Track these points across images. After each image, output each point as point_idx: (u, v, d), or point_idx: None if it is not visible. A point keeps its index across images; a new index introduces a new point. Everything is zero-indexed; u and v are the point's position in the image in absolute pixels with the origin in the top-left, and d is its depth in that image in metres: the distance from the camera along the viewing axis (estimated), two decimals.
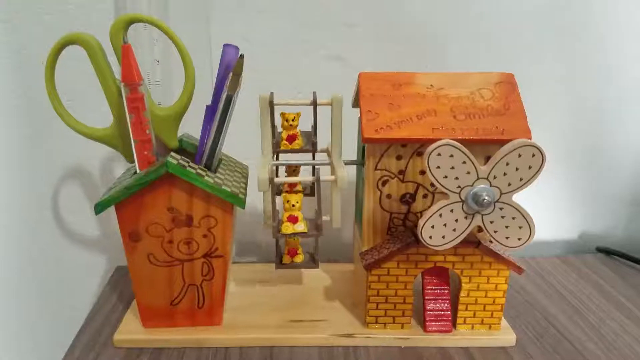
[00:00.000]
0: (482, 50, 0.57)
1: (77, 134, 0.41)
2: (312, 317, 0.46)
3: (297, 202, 0.43)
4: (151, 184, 0.39)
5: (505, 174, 0.37)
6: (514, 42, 0.57)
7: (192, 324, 0.45)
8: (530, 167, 0.37)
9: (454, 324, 0.44)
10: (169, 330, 0.44)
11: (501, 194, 0.38)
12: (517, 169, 0.37)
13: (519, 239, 0.40)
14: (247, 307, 0.48)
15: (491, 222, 0.39)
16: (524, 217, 0.39)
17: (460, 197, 0.38)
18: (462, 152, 0.37)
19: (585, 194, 0.64)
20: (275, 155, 0.46)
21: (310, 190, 0.48)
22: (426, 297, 0.44)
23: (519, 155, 0.37)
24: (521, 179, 0.37)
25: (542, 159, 0.37)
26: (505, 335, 0.44)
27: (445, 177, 0.38)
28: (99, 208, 0.40)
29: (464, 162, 0.37)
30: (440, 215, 0.39)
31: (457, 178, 0.38)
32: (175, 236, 0.42)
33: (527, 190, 0.38)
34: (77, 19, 0.51)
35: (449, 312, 0.44)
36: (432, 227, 0.39)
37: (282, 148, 0.45)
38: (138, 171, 0.41)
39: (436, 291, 0.44)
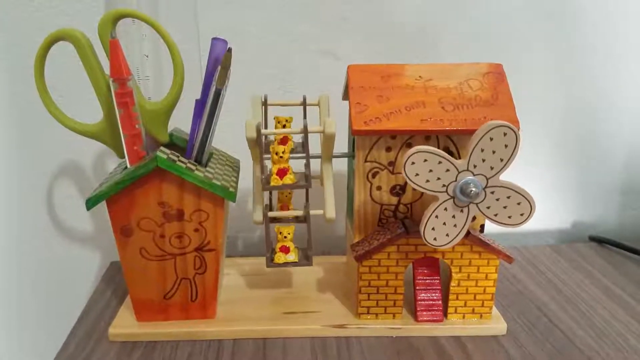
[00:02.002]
0: (475, 42, 0.57)
1: (69, 130, 0.42)
2: (305, 308, 0.47)
3: (289, 234, 0.45)
4: (141, 179, 0.40)
5: (484, 160, 0.37)
6: (505, 33, 0.57)
7: (186, 317, 0.45)
8: (506, 146, 0.37)
9: (445, 314, 0.45)
10: (162, 324, 0.45)
11: (487, 179, 0.38)
12: (494, 152, 0.37)
13: (522, 214, 0.39)
14: (240, 300, 0.48)
15: (488, 208, 0.39)
16: (519, 193, 0.38)
17: (448, 194, 0.38)
18: (434, 153, 0.37)
19: (578, 183, 0.64)
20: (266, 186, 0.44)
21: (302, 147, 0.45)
22: (417, 287, 0.44)
23: (491, 139, 0.36)
24: (502, 160, 0.37)
25: (515, 134, 0.36)
26: (496, 324, 0.45)
27: (427, 180, 0.38)
28: (90, 203, 0.40)
29: (440, 162, 0.37)
30: (437, 216, 0.39)
31: (439, 178, 0.38)
32: (167, 230, 0.42)
33: (519, 180, 0.38)
34: (68, 15, 0.51)
35: (440, 302, 0.44)
36: (433, 229, 0.39)
37: (272, 184, 0.42)
38: (128, 166, 0.41)
39: (427, 281, 0.44)
